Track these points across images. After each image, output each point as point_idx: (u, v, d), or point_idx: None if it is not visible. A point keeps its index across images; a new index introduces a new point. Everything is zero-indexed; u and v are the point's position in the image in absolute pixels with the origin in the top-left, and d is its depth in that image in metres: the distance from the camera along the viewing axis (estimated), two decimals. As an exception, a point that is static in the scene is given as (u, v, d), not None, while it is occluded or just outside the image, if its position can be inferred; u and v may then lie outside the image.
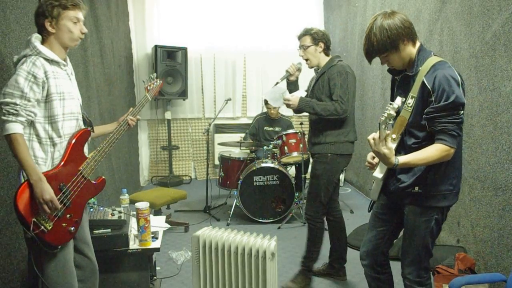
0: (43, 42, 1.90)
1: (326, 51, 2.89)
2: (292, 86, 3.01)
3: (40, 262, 1.88)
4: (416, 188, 1.87)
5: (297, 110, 2.87)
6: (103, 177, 2.10)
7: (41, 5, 1.88)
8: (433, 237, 1.92)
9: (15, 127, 1.76)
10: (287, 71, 2.99)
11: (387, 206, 2.07)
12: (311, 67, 2.94)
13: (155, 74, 2.60)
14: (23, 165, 1.77)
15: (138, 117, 2.33)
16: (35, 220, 1.78)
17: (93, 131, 2.08)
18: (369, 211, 2.17)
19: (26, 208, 1.77)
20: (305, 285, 2.92)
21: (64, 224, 1.90)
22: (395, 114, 1.69)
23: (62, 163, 1.90)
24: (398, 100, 1.72)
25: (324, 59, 2.88)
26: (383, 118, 1.69)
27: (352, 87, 2.80)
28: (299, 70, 3.00)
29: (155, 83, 2.57)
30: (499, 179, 2.62)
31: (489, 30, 2.69)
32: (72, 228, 1.95)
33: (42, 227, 1.80)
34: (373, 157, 2.03)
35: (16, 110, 1.76)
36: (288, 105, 2.86)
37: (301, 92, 2.93)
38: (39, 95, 1.82)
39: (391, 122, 1.71)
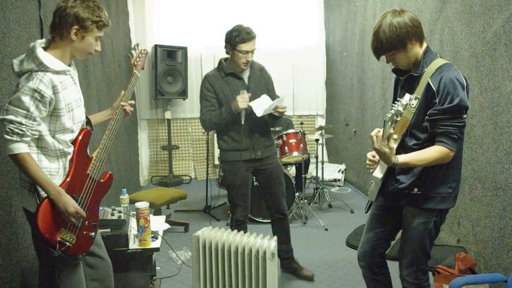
0: (50, 45, 1.76)
1: None
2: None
3: (64, 276, 1.86)
4: (415, 190, 1.86)
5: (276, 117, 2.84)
6: (109, 172, 2.06)
7: (74, 5, 1.71)
8: (432, 239, 1.92)
9: (21, 147, 1.68)
10: (245, 108, 2.71)
11: (384, 207, 2.07)
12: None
13: (138, 44, 2.34)
14: (38, 182, 1.71)
15: (132, 102, 2.17)
16: (59, 239, 1.75)
17: (92, 130, 2.02)
18: (366, 212, 2.17)
19: (49, 229, 1.73)
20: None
21: (85, 232, 1.90)
22: (403, 111, 1.67)
23: (70, 172, 1.84)
24: (407, 97, 1.69)
25: None
26: (389, 115, 1.66)
27: None
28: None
29: (141, 54, 2.28)
30: (499, 179, 2.62)
31: (489, 30, 2.69)
32: (93, 233, 1.95)
33: (67, 243, 1.78)
34: (374, 156, 2.02)
35: (21, 131, 1.66)
36: (281, 113, 2.80)
37: (268, 97, 2.84)
38: (45, 113, 1.72)
39: (398, 119, 1.69)
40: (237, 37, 2.71)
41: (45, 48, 1.75)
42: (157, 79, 5.61)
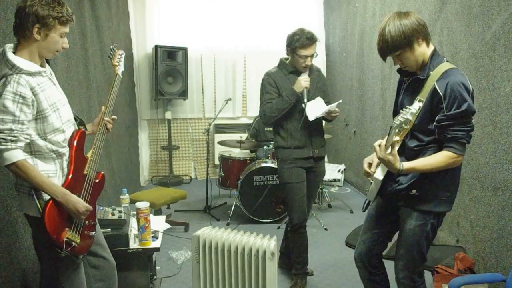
0: (17, 48, 1.73)
1: None
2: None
3: (66, 277, 1.87)
4: (413, 191, 1.86)
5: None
6: (102, 172, 2.07)
7: (32, 4, 1.68)
8: (428, 242, 1.92)
9: (17, 154, 1.65)
10: (306, 88, 2.73)
11: (382, 208, 2.07)
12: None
13: (115, 45, 2.29)
14: (42, 187, 1.70)
15: (114, 117, 2.12)
16: (66, 239, 1.76)
17: (86, 130, 2.02)
18: (363, 211, 2.17)
19: (56, 230, 1.74)
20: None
21: (86, 232, 1.92)
22: (412, 119, 1.64)
23: (70, 173, 1.84)
24: (416, 105, 1.66)
25: None
26: (397, 123, 1.65)
27: None
28: None
29: (120, 56, 2.22)
30: (498, 179, 2.62)
31: (488, 31, 2.70)
32: (93, 232, 1.97)
33: (74, 243, 1.79)
34: (369, 165, 2.02)
35: (14, 136, 1.63)
36: (334, 117, 2.80)
37: (322, 100, 2.81)
38: (30, 116, 1.68)
39: (407, 127, 1.65)
40: (297, 42, 2.67)
41: (14, 53, 1.72)
42: (157, 80, 5.62)
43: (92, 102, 3.76)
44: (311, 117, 2.70)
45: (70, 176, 1.84)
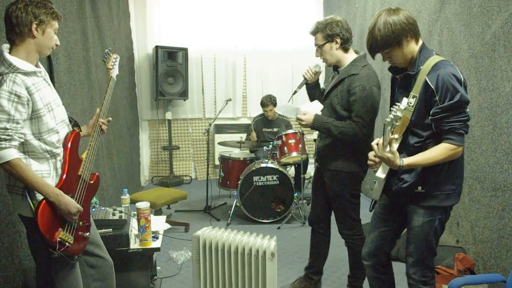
0: (12, 49, 1.76)
1: (345, 45, 2.48)
2: (314, 90, 2.73)
3: (61, 277, 1.87)
4: (419, 188, 1.87)
5: (310, 128, 2.51)
6: (96, 173, 2.08)
7: (26, 5, 1.73)
8: (437, 237, 1.92)
9: (11, 153, 1.66)
10: (304, 77, 2.63)
11: (389, 206, 2.07)
12: (330, 66, 2.57)
13: (110, 49, 2.33)
14: (35, 186, 1.71)
15: (109, 119, 2.14)
16: (59, 239, 1.76)
17: (81, 131, 2.04)
18: (370, 211, 2.17)
19: (49, 230, 1.74)
20: None
21: (80, 233, 1.92)
22: (401, 116, 1.68)
23: (65, 173, 1.85)
24: (404, 102, 1.72)
25: (344, 57, 2.49)
26: (388, 120, 1.68)
27: (376, 103, 2.43)
28: (317, 73, 2.65)
29: (114, 59, 2.26)
30: (498, 180, 2.63)
31: (488, 31, 2.70)
32: (87, 233, 1.97)
33: (67, 243, 1.80)
34: (375, 155, 2.03)
35: (9, 135, 1.65)
36: (300, 123, 2.49)
37: (317, 105, 2.50)
38: (25, 115, 1.70)
39: (397, 123, 1.70)
40: None
41: (9, 53, 1.74)
42: (158, 80, 5.63)
43: (94, 102, 3.76)
44: (281, 111, 2.67)
45: (64, 176, 1.84)
